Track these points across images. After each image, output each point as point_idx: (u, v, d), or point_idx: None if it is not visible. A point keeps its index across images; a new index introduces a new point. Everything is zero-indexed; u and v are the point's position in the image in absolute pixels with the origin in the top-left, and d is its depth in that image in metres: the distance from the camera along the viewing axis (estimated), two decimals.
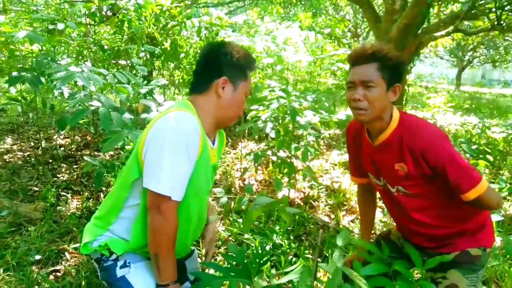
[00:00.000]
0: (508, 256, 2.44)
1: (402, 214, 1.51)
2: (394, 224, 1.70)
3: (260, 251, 1.47)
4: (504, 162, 4.89)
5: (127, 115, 2.56)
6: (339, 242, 1.55)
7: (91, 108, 2.54)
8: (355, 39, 14.02)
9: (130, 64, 5.20)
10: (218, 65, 1.38)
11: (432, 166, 1.31)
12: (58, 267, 2.25)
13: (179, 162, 1.21)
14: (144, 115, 2.48)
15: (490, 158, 4.71)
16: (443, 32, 5.10)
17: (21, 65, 3.18)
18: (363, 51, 1.36)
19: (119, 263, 1.33)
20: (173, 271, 1.27)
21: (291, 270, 1.47)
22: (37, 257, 2.27)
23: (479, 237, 1.46)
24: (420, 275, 1.50)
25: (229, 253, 1.62)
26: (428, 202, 1.43)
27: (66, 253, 2.37)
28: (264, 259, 1.44)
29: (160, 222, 1.22)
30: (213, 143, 1.45)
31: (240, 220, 2.79)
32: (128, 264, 1.33)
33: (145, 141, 1.27)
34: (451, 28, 4.98)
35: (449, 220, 1.45)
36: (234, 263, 1.43)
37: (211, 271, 1.97)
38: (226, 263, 2.23)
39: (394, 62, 1.35)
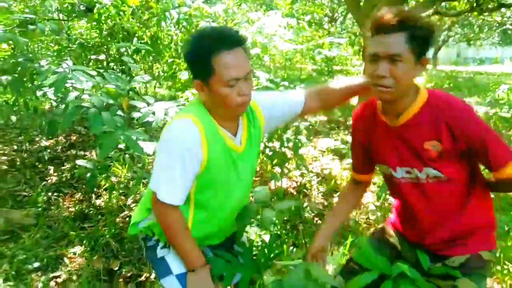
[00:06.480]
0: None
1: (429, 207, 1.31)
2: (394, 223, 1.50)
3: (268, 246, 1.49)
4: None
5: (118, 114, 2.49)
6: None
7: (82, 109, 2.47)
8: (332, 23, 14.01)
9: (108, 60, 5.10)
10: (188, 65, 1.31)
11: (471, 141, 1.18)
12: (58, 273, 2.23)
13: (171, 169, 1.24)
14: (136, 114, 2.42)
15: None
16: (424, 15, 5.14)
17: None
18: (390, 18, 1.14)
19: (161, 244, 1.39)
20: (195, 257, 1.30)
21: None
22: (36, 264, 2.23)
23: (490, 238, 1.32)
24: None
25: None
26: (461, 186, 1.28)
27: (65, 258, 2.34)
28: (273, 254, 1.46)
29: (163, 218, 1.29)
30: (235, 134, 1.35)
31: None
32: (168, 246, 1.37)
33: None
34: (431, 10, 5.03)
35: (473, 212, 1.29)
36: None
37: None
38: None
39: (426, 31, 1.16)
